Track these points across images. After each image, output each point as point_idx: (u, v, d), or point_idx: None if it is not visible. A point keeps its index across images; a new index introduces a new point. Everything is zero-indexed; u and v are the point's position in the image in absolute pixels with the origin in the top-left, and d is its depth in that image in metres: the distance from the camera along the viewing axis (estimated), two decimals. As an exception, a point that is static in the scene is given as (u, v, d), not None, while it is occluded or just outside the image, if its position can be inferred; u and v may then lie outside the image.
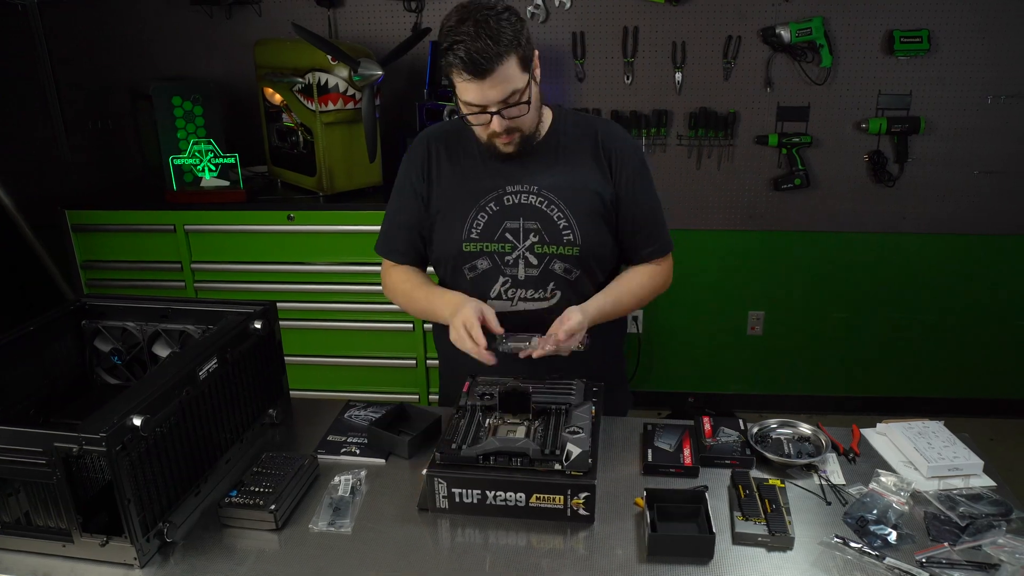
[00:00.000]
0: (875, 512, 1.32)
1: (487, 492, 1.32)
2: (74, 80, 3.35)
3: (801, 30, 2.99)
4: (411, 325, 2.94)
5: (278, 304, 1.68)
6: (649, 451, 1.52)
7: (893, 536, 1.27)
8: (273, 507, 1.32)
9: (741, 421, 1.58)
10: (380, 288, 2.85)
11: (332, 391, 3.02)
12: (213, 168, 2.87)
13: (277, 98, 2.95)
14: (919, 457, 1.46)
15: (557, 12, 3.11)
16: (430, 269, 1.80)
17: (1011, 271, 3.30)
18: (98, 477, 1.23)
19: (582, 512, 1.31)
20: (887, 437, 1.56)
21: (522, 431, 1.41)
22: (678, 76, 3.15)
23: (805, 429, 1.56)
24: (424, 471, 1.35)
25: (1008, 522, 1.30)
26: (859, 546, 1.25)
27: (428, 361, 3.00)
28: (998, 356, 3.43)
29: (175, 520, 1.30)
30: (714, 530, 1.25)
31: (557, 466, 1.31)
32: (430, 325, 2.88)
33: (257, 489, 1.36)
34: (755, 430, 1.56)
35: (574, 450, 1.31)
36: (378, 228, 2.79)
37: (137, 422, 1.20)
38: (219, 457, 1.47)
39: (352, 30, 3.22)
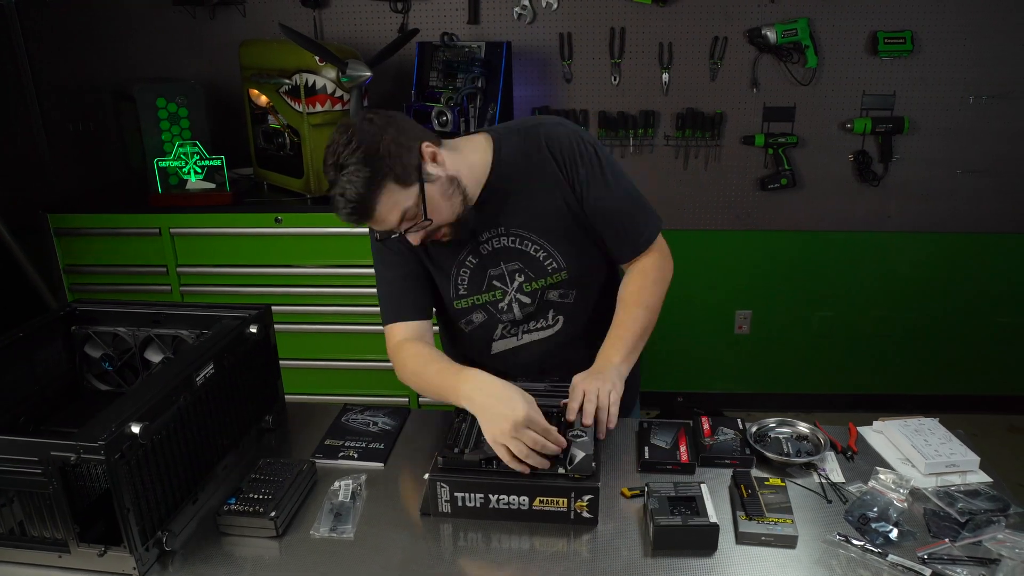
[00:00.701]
0: (876, 510, 1.32)
1: (490, 496, 1.31)
2: (54, 81, 3.30)
3: (787, 31, 3.01)
4: (401, 327, 2.92)
5: (265, 308, 1.66)
6: (646, 448, 1.52)
7: (894, 533, 1.28)
8: (273, 514, 1.30)
9: (739, 421, 1.59)
10: (367, 291, 2.89)
11: (321, 394, 2.99)
12: (199, 170, 2.83)
13: (263, 99, 2.92)
14: (916, 454, 1.47)
15: (544, 13, 3.12)
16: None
17: (994, 269, 3.35)
18: (95, 486, 1.21)
19: (585, 515, 1.31)
20: (883, 435, 1.58)
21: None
22: (665, 77, 3.17)
23: (803, 428, 1.57)
24: (426, 475, 1.35)
25: (1006, 517, 1.31)
26: (861, 543, 1.26)
27: (418, 363, 2.98)
28: (981, 353, 3.48)
29: (173, 528, 1.28)
30: (715, 520, 1.26)
31: (560, 469, 1.31)
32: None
33: (256, 496, 1.34)
34: (754, 429, 1.57)
35: (578, 453, 1.31)
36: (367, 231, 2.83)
37: (136, 429, 1.17)
38: (216, 464, 1.44)
39: (337, 31, 3.20)
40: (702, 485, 1.35)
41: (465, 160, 1.51)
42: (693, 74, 3.17)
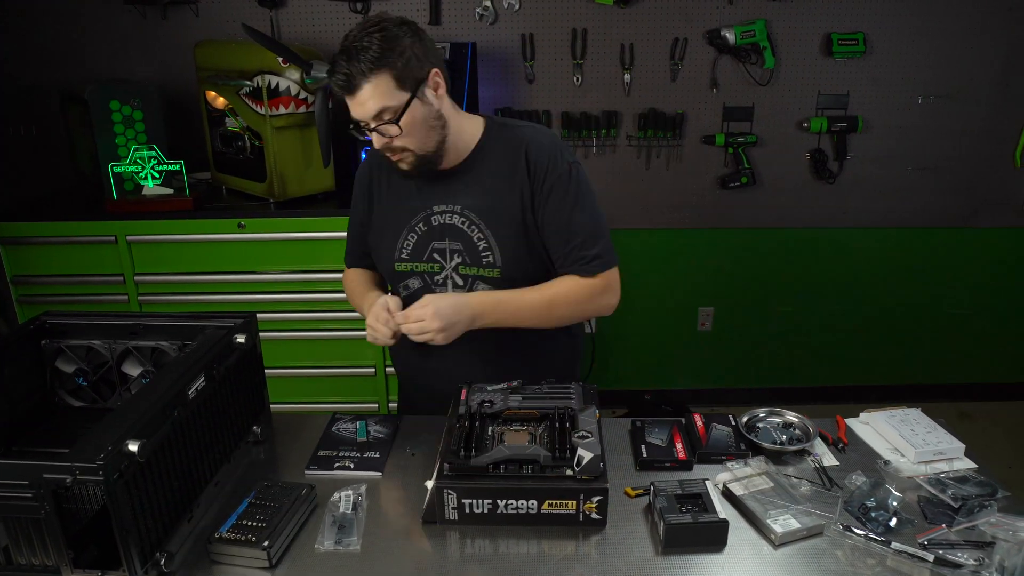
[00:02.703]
0: (874, 500, 1.35)
1: (498, 501, 1.30)
2: (-6, 83, 3.14)
3: (745, 32, 3.07)
4: (369, 333, 2.87)
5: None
6: (643, 447, 1.53)
7: (894, 521, 1.31)
8: (266, 543, 1.23)
9: (731, 417, 1.61)
10: (336, 296, 2.83)
11: (289, 403, 2.93)
12: (156, 175, 2.73)
13: (220, 101, 2.84)
14: (905, 444, 1.51)
15: (506, 14, 3.11)
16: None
17: (943, 262, 3.48)
18: (87, 508, 1.15)
19: (595, 516, 1.31)
20: (870, 426, 1.62)
21: (527, 437, 1.40)
22: (627, 77, 3.19)
23: (791, 416, 1.61)
24: (428, 483, 1.32)
25: (996, 501, 1.36)
26: (864, 533, 1.29)
27: (387, 369, 2.94)
28: (932, 342, 3.61)
29: (171, 550, 1.23)
30: (724, 517, 1.28)
31: (568, 471, 1.30)
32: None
33: (250, 523, 1.27)
34: (744, 420, 1.59)
35: (586, 455, 1.30)
36: (333, 234, 2.78)
37: (133, 448, 1.12)
38: (209, 480, 1.39)
39: (295, 31, 3.13)
40: (706, 482, 1.36)
41: (459, 120, 1.61)
42: (654, 75, 3.20)
